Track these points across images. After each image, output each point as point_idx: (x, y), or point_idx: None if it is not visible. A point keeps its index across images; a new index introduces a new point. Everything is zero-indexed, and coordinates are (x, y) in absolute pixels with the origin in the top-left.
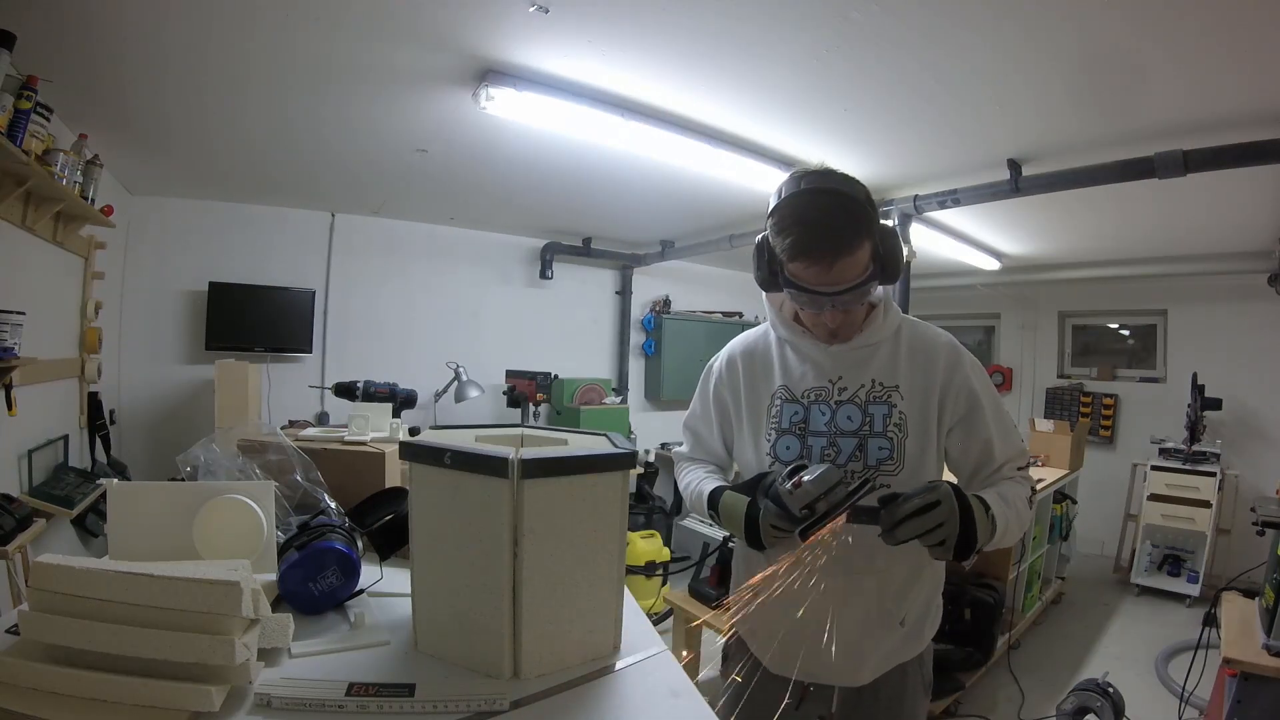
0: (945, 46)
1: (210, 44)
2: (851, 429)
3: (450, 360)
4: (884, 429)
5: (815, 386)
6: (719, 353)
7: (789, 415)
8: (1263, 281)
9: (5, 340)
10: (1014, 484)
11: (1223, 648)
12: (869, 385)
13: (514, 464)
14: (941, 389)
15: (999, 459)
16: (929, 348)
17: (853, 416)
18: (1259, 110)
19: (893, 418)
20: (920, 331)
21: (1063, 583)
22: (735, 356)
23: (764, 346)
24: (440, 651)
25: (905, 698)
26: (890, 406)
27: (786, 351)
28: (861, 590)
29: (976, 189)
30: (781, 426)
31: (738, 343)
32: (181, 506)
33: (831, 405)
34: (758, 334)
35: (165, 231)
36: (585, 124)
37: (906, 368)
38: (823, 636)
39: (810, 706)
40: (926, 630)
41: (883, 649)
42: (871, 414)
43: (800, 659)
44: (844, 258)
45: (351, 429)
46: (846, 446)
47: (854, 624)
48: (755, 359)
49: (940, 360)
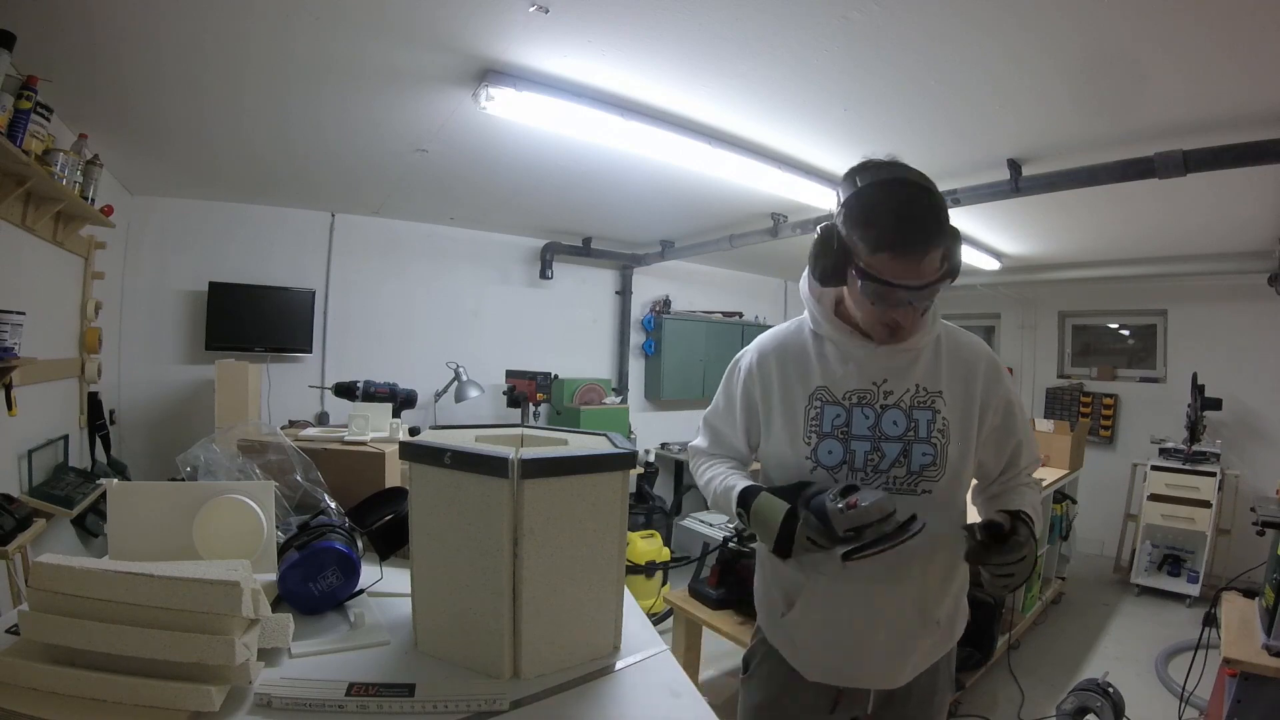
0: (945, 46)
1: (210, 44)
2: (897, 434)
3: (450, 360)
4: (929, 435)
5: (858, 389)
6: (746, 348)
7: (830, 418)
8: (1263, 281)
9: (5, 340)
10: (1031, 490)
11: (1223, 648)
12: (914, 390)
13: (514, 464)
14: (982, 401)
15: (1023, 464)
16: (970, 357)
17: (898, 421)
18: (1259, 110)
19: (936, 423)
20: (959, 339)
21: (1063, 583)
22: (767, 354)
23: (799, 344)
24: (440, 651)
25: (936, 694)
26: (934, 413)
27: (826, 350)
28: (903, 595)
29: (976, 189)
30: (823, 430)
31: (769, 339)
32: (181, 506)
33: (876, 409)
34: (790, 330)
35: (165, 231)
36: (585, 124)
37: (949, 375)
38: (863, 643)
39: (843, 710)
40: (958, 627)
41: (921, 651)
42: (916, 419)
43: (839, 665)
44: (931, 251)
45: (351, 429)
46: (891, 451)
47: (896, 628)
48: (789, 356)
49: (981, 372)
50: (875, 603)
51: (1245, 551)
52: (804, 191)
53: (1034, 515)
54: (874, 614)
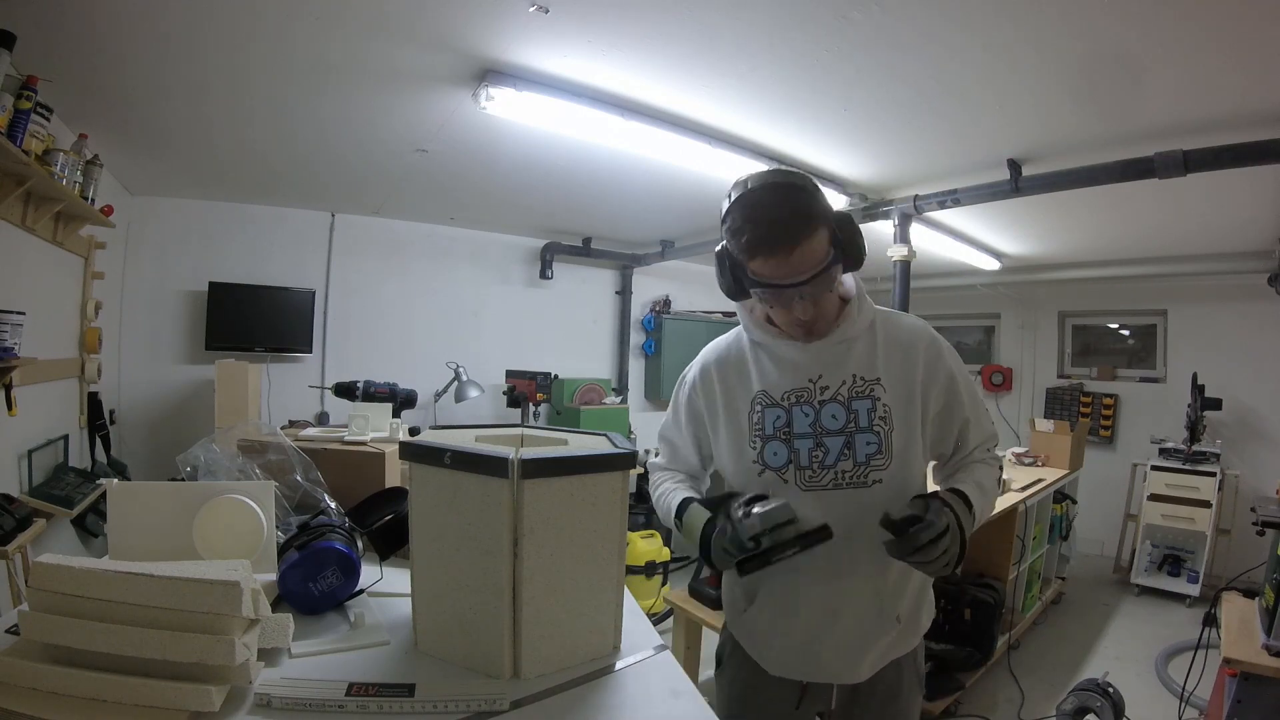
0: (945, 46)
1: (211, 44)
2: (837, 427)
3: (450, 360)
4: (870, 424)
5: (795, 388)
6: (691, 363)
7: (771, 420)
8: (1263, 281)
9: (5, 340)
10: (985, 466)
11: (1223, 648)
12: (850, 381)
13: (514, 464)
14: (924, 382)
15: (973, 442)
16: (908, 339)
17: (837, 415)
18: (1259, 110)
19: (877, 411)
20: (897, 321)
21: (1063, 583)
22: (709, 365)
23: (737, 352)
24: (440, 651)
25: (901, 692)
26: (874, 400)
27: (761, 355)
28: (859, 591)
29: (976, 189)
30: (765, 433)
31: (710, 351)
32: (181, 506)
33: (814, 405)
34: (729, 341)
35: (165, 231)
36: (585, 124)
37: (886, 360)
38: (821, 637)
39: (809, 705)
40: (922, 624)
41: (880, 646)
42: (856, 410)
43: (798, 659)
44: (801, 244)
45: (351, 429)
46: (834, 445)
47: (852, 624)
48: (729, 366)
49: (920, 352)
50: (832, 598)
51: (1245, 551)
52: None
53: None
54: (831, 609)
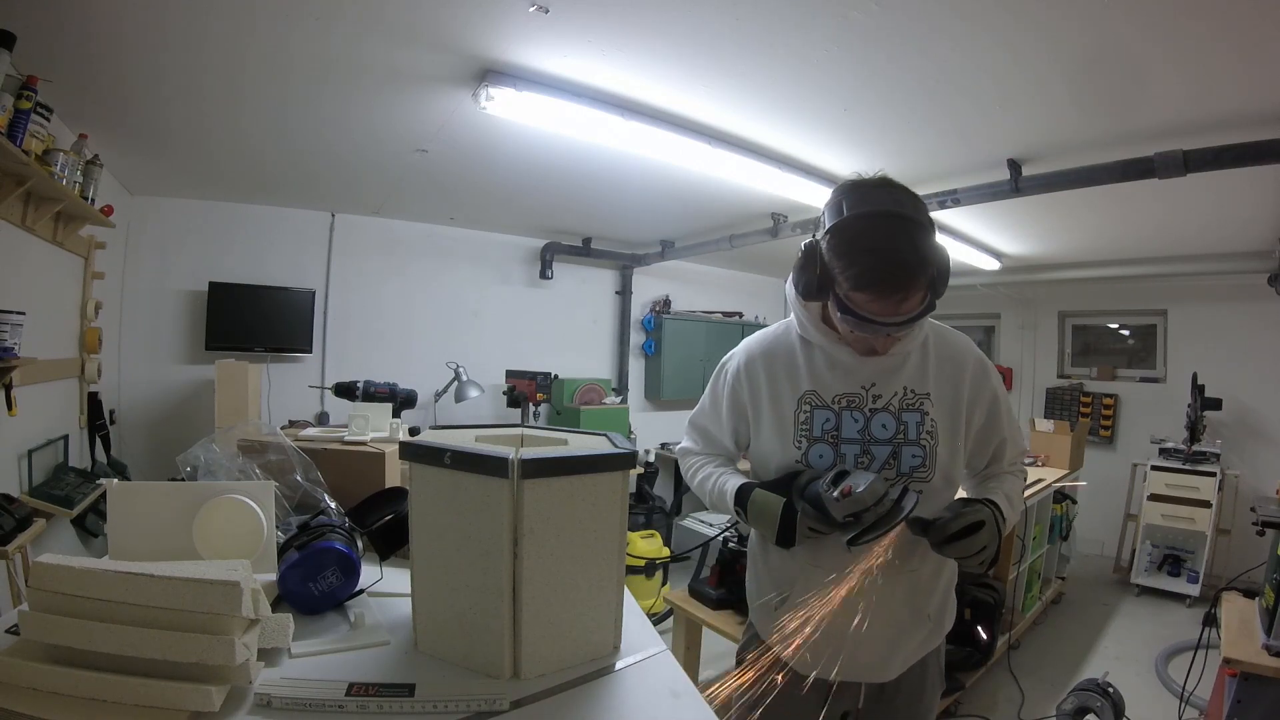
0: (945, 46)
1: (210, 43)
2: (885, 437)
3: (450, 360)
4: (917, 436)
5: (847, 393)
6: (733, 351)
7: (820, 422)
8: (1263, 281)
9: (5, 340)
10: (1014, 478)
11: (1223, 648)
12: (902, 393)
13: (514, 464)
14: (970, 401)
15: (1008, 458)
16: (957, 357)
17: (887, 425)
18: (1259, 110)
19: (925, 425)
20: (947, 339)
21: (1063, 583)
22: (755, 357)
23: (786, 348)
24: (440, 651)
25: (925, 689)
26: (923, 414)
27: (815, 354)
28: (896, 590)
29: (976, 189)
30: (813, 434)
31: (755, 343)
32: (181, 506)
33: (865, 413)
34: (777, 334)
35: (165, 231)
36: (585, 124)
37: (936, 376)
38: (855, 635)
39: (836, 703)
40: (947, 622)
41: (911, 644)
42: (905, 422)
43: (830, 658)
44: (912, 295)
45: (351, 429)
46: (880, 455)
47: (888, 622)
48: (777, 360)
49: (969, 371)
50: (868, 597)
51: (1245, 551)
52: (804, 192)
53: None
54: (866, 607)
